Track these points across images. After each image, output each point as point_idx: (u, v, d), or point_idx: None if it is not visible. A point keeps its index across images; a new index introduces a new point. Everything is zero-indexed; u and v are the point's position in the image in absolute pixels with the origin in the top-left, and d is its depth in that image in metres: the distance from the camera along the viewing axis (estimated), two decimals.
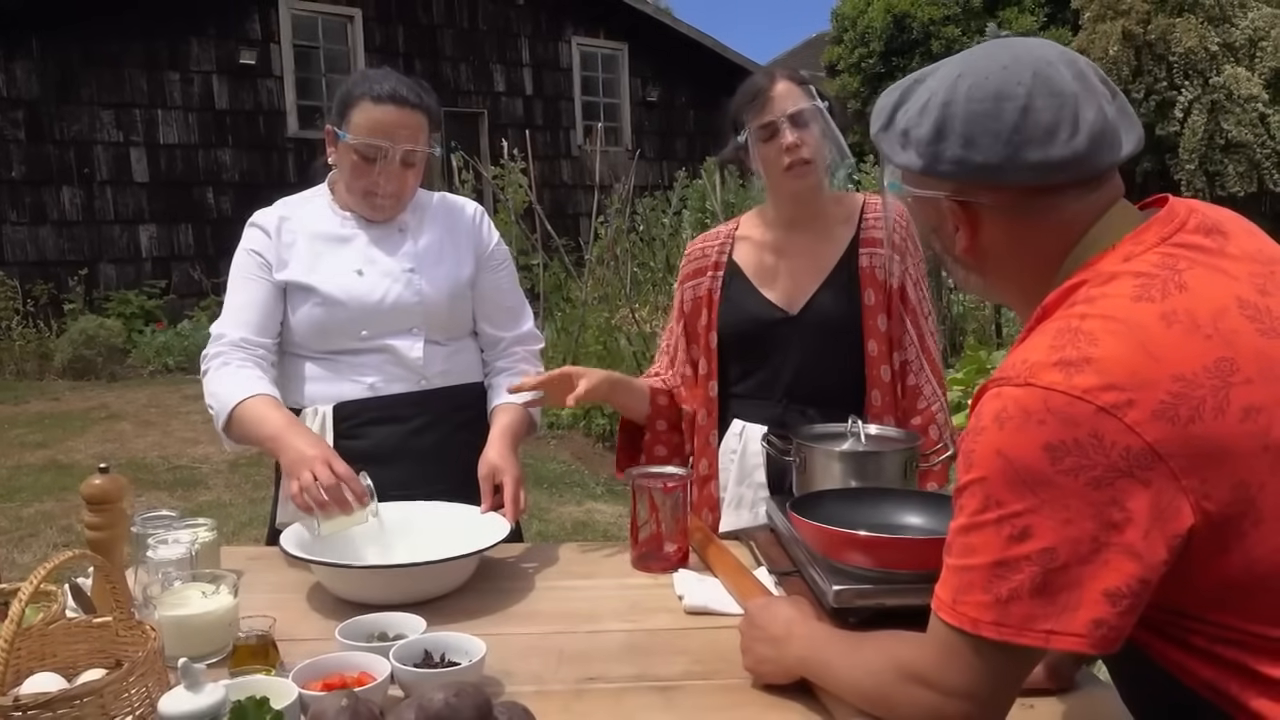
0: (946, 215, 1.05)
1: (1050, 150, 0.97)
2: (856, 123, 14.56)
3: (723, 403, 1.99)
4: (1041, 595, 0.89)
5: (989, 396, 0.95)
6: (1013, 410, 0.91)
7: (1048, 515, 0.89)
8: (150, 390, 8.25)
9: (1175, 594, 0.92)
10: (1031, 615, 0.90)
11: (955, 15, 13.70)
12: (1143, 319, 0.91)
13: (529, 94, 13.50)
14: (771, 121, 1.86)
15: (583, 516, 4.92)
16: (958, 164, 1.00)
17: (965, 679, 0.96)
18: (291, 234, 1.91)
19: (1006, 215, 1.02)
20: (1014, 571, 0.90)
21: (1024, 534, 0.90)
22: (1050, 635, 0.90)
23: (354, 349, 1.87)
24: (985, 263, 1.07)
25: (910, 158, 1.04)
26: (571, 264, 7.60)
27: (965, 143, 0.99)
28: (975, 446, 0.93)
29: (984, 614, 0.92)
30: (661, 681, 1.30)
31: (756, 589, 1.51)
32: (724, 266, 2.00)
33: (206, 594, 1.36)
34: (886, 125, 1.07)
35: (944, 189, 1.03)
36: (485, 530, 1.67)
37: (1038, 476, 0.89)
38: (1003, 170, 0.98)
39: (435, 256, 1.93)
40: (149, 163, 10.70)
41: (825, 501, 1.54)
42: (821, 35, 17.44)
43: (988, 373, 5.60)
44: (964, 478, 0.95)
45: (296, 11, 11.58)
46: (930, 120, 1.01)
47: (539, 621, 1.51)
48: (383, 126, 1.82)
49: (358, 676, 1.22)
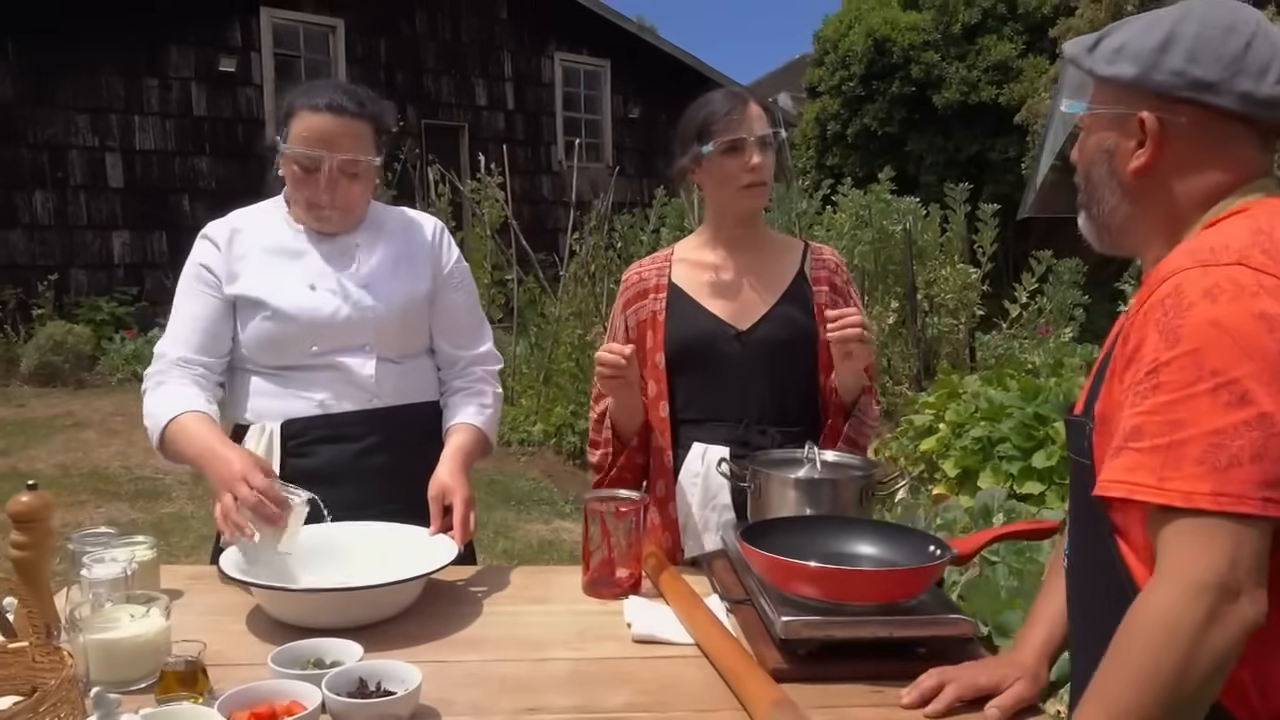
0: (1132, 132, 1.11)
1: (1260, 85, 1.06)
2: (837, 144, 14.66)
3: (678, 425, 1.97)
4: (1262, 461, 0.91)
5: (1192, 275, 0.99)
6: (1226, 284, 0.97)
7: (1267, 381, 0.92)
8: (117, 398, 8.13)
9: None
10: (1252, 481, 0.91)
11: (935, 41, 13.79)
12: None
13: (510, 108, 13.49)
14: (742, 139, 1.87)
15: (550, 535, 4.87)
16: (1177, 74, 1.08)
17: (1189, 566, 0.93)
18: (243, 246, 1.87)
19: (1194, 139, 1.09)
20: (1233, 438, 0.92)
21: (1243, 399, 0.92)
22: (1268, 502, 0.91)
23: (304, 365, 1.83)
24: (1150, 187, 1.12)
25: (1122, 68, 1.11)
26: (548, 280, 7.57)
27: (1189, 57, 1.07)
28: (1182, 321, 0.96)
29: (1199, 485, 0.92)
30: (605, 713, 1.27)
31: (707, 619, 1.49)
32: (665, 289, 2.00)
33: (135, 616, 1.32)
34: (1092, 48, 1.15)
35: (1146, 103, 1.10)
36: (433, 552, 1.63)
37: (1255, 344, 0.93)
38: (1215, 89, 1.07)
39: (390, 272, 1.90)
40: (124, 168, 10.60)
41: (778, 529, 1.52)
42: (803, 57, 17.54)
43: (959, 397, 5.60)
44: (1168, 354, 0.96)
45: (278, 20, 11.53)
46: (1159, 33, 1.09)
47: (483, 648, 1.47)
48: (319, 136, 1.78)
49: (287, 705, 1.18)
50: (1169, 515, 0.95)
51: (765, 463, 1.72)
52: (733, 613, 1.55)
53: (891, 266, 7.83)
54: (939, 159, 13.75)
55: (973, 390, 5.60)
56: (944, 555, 1.42)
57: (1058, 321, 7.91)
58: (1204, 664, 0.92)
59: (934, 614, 1.40)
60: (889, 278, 7.91)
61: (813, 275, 1.99)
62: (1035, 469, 4.74)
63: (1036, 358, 7.13)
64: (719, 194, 1.96)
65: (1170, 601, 0.94)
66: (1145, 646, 0.94)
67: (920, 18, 13.97)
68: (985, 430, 5.02)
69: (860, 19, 14.33)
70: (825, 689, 1.32)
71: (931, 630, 1.38)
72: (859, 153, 14.29)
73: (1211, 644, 0.92)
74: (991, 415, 5.11)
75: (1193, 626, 0.92)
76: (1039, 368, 6.71)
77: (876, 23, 14.02)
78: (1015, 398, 5.20)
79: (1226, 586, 0.92)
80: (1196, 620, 0.92)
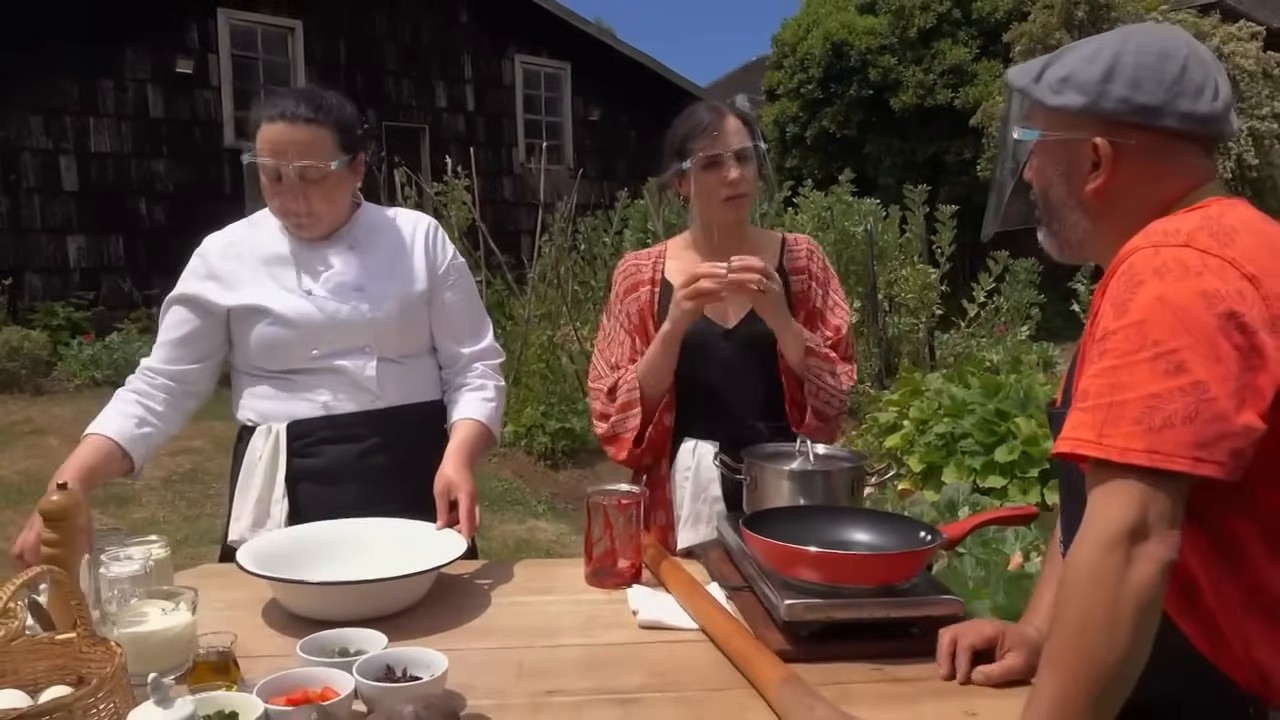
0: (1086, 156, 1.20)
1: (1198, 104, 1.16)
2: (796, 146, 14.82)
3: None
4: (1193, 423, 0.99)
5: (1144, 254, 1.08)
6: (1172, 264, 1.06)
7: (1201, 353, 1.01)
8: (78, 404, 8.01)
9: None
10: (1183, 441, 0.99)
11: (891, 45, 14.02)
12: (1266, 228, 1.13)
13: (471, 110, 13.47)
14: (719, 155, 1.95)
15: (525, 534, 4.92)
16: (1123, 101, 1.17)
17: (1107, 516, 1.02)
18: (238, 258, 1.92)
19: (1144, 157, 1.18)
20: (1168, 402, 1.00)
21: (1179, 368, 1.01)
22: (1199, 462, 0.99)
23: (306, 369, 1.88)
24: (1109, 203, 1.21)
25: (1070, 98, 1.19)
26: (513, 281, 7.61)
27: (1132, 85, 1.16)
28: (1131, 296, 1.05)
29: (1134, 442, 1.01)
30: (620, 694, 1.34)
31: (710, 605, 1.56)
32: (659, 283, 2.07)
33: (166, 610, 1.36)
34: (1037, 78, 1.23)
35: (1095, 130, 1.18)
36: (441, 546, 1.69)
37: (1194, 319, 1.03)
38: (1159, 113, 1.16)
39: (385, 274, 1.94)
40: (79, 171, 10.44)
41: (775, 518, 1.59)
42: (761, 59, 17.72)
43: (922, 394, 5.73)
44: (1115, 324, 1.06)
45: (235, 22, 11.42)
46: (1101, 65, 1.18)
47: (497, 637, 1.53)
48: (274, 145, 1.83)
49: (321, 692, 1.23)
50: (1100, 471, 1.04)
51: (760, 456, 1.80)
52: (732, 599, 1.62)
53: (853, 267, 7.96)
54: (896, 161, 13.96)
55: (935, 388, 5.74)
56: (935, 540, 1.51)
57: (1014, 320, 8.10)
58: (1129, 604, 1.00)
59: (926, 595, 1.48)
60: (850, 278, 8.04)
61: (791, 267, 2.07)
62: (997, 463, 4.88)
63: (994, 356, 7.31)
64: (702, 206, 2.03)
65: (1091, 551, 1.02)
66: (1076, 597, 1.03)
67: (877, 22, 14.18)
68: (948, 426, 5.16)
69: (818, 23, 14.51)
70: (826, 668, 1.39)
71: (924, 610, 1.46)
72: (818, 155, 14.46)
73: (1133, 584, 1.00)
74: (954, 412, 5.24)
75: (1113, 571, 1.00)
76: (998, 365, 6.88)
77: (834, 27, 14.20)
78: (977, 394, 5.34)
79: (1138, 531, 1.01)
80: (1116, 564, 1.00)
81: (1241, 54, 12.31)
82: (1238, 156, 12.05)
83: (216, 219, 3.89)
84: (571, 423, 6.34)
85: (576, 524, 5.17)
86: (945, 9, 13.92)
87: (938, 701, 1.32)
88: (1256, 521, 1.09)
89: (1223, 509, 1.08)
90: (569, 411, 6.46)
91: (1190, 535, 1.09)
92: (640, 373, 2.00)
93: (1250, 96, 12.28)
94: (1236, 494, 1.05)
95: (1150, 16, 12.51)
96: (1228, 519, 1.09)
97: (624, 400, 2.01)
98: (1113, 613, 1.00)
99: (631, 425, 2.01)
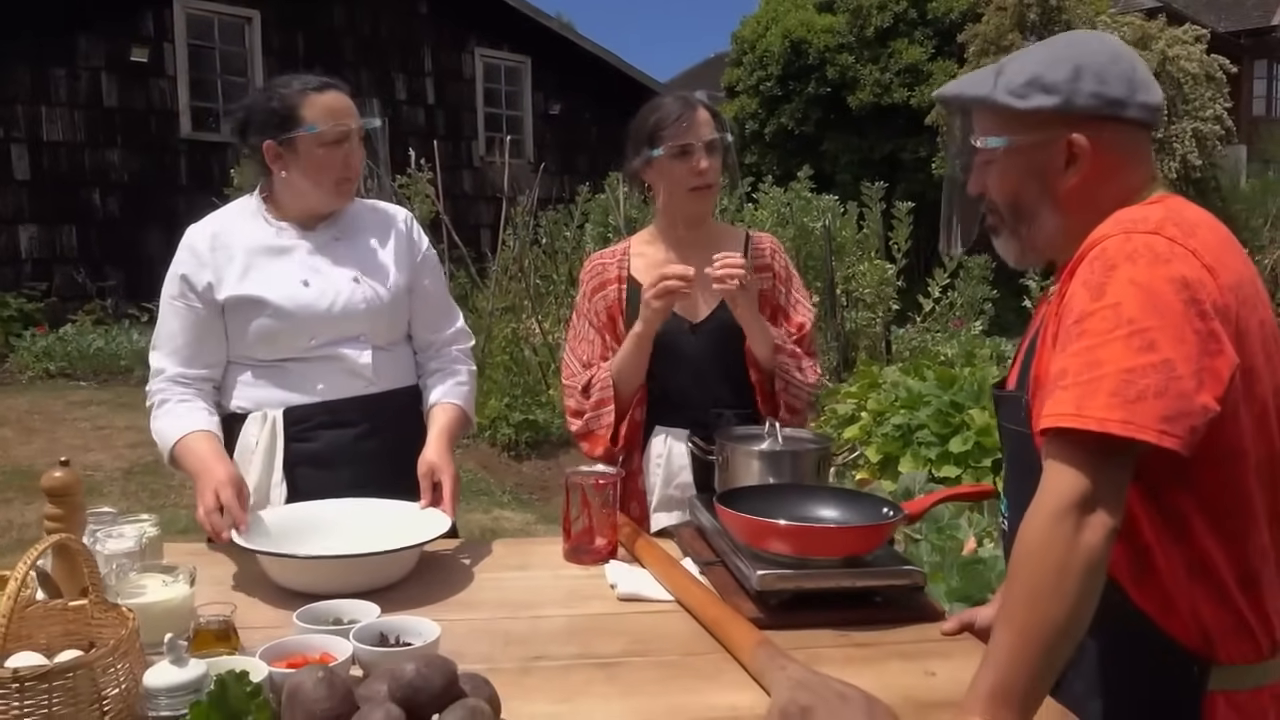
0: (1059, 154, 1.27)
1: (1150, 96, 1.26)
2: (754, 142, 14.96)
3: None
4: (1163, 398, 1.08)
5: (1117, 240, 1.17)
6: (1143, 250, 1.15)
7: (1170, 335, 1.10)
8: (31, 396, 7.93)
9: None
10: (1154, 414, 1.08)
11: (849, 44, 14.21)
12: (1217, 225, 1.23)
13: (431, 103, 13.43)
14: (690, 144, 2.02)
15: (490, 524, 4.97)
16: (1094, 96, 1.25)
17: (1058, 487, 1.10)
18: (227, 249, 1.94)
19: (1114, 150, 1.27)
20: (1141, 377, 1.09)
21: (1151, 346, 1.10)
22: (1164, 435, 1.08)
23: (302, 357, 1.93)
24: (1081, 200, 1.28)
25: (1041, 100, 1.26)
26: (475, 274, 7.64)
27: (1100, 80, 1.25)
28: (1107, 279, 1.14)
29: (1112, 413, 1.09)
30: (603, 659, 1.42)
31: (685, 577, 1.64)
32: (625, 281, 2.14)
33: (166, 582, 1.41)
34: (994, 87, 1.30)
35: (1068, 128, 1.25)
36: (426, 524, 1.76)
37: (1164, 302, 1.11)
38: (1126, 105, 1.25)
39: (375, 263, 2.00)
40: (30, 161, 10.28)
41: (747, 496, 1.68)
42: (721, 55, 17.84)
43: (879, 387, 5.87)
44: (1092, 306, 1.14)
45: (191, 10, 11.29)
46: (1067, 66, 1.26)
47: (483, 609, 1.60)
48: (340, 109, 1.92)
49: (320, 657, 1.29)
50: (1054, 445, 1.12)
51: (731, 437, 1.88)
52: (705, 574, 1.70)
53: (811, 262, 8.08)
54: (854, 158, 14.14)
55: (892, 380, 5.87)
56: (896, 515, 1.61)
57: (969, 315, 8.27)
58: (1077, 567, 1.08)
59: (889, 566, 1.58)
60: (809, 273, 8.17)
61: (755, 264, 2.13)
62: (952, 453, 5.01)
63: (949, 349, 7.48)
64: (669, 196, 2.08)
65: (1044, 518, 1.11)
66: (1029, 560, 1.11)
67: (835, 21, 14.35)
68: (905, 418, 5.28)
69: (777, 20, 14.65)
70: (796, 634, 1.47)
71: (887, 580, 1.56)
72: (776, 151, 14.60)
73: (1080, 549, 1.08)
74: (910, 404, 5.37)
75: (1063, 537, 1.09)
76: (952, 359, 7.04)
77: (793, 25, 14.35)
78: (932, 387, 5.47)
79: (1088, 500, 1.09)
80: (1066, 531, 1.09)
81: (1186, 57, 12.64)
82: (1182, 157, 12.38)
83: (172, 209, 3.89)
84: (535, 414, 6.39)
85: (541, 513, 5.24)
86: (902, 9, 14.13)
87: (900, 662, 1.41)
88: (1197, 496, 1.19)
89: (1170, 484, 1.18)
90: (532, 403, 6.51)
91: (1144, 508, 1.19)
92: (614, 371, 2.07)
93: (1194, 99, 12.62)
94: (1183, 470, 1.15)
95: (1099, 19, 12.81)
96: (1173, 494, 1.19)
97: (598, 398, 2.08)
98: (1061, 575, 1.08)
99: (606, 422, 2.08)
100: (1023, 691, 1.08)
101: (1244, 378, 1.15)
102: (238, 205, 2.04)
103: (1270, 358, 1.20)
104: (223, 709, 1.07)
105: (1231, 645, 1.22)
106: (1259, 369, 1.17)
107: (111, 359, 8.85)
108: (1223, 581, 1.20)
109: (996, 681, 1.09)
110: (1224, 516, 1.19)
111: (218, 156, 10.56)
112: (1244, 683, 1.22)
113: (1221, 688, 1.21)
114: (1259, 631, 1.22)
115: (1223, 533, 1.19)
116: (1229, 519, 1.19)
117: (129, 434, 6.60)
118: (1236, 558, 1.20)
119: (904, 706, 1.24)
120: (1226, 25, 19.19)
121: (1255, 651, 1.22)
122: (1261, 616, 1.22)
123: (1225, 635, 1.21)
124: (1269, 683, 1.23)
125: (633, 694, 1.32)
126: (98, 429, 6.79)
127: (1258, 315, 1.19)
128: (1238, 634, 1.22)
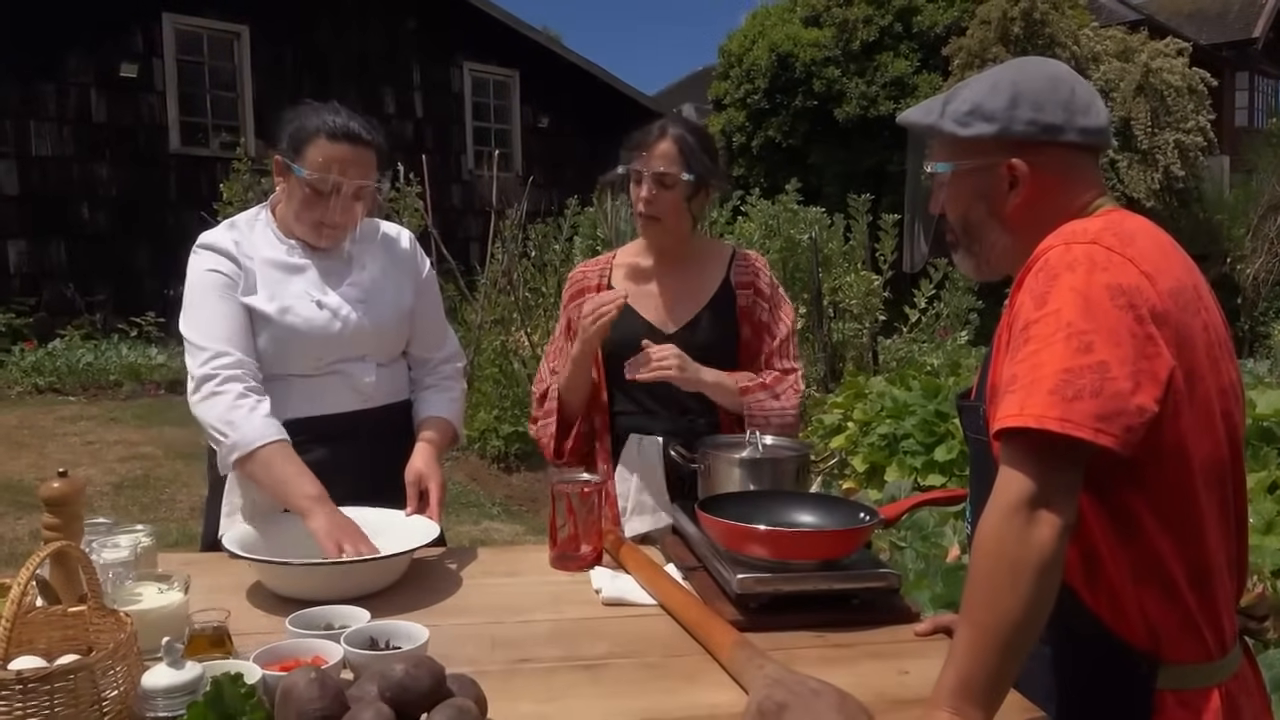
0: (1002, 178, 1.33)
1: (1089, 119, 1.32)
2: (742, 155, 15.05)
3: (614, 417, 2.18)
4: (1099, 398, 1.13)
5: (1058, 251, 1.23)
6: (1082, 259, 1.20)
7: (1105, 338, 1.15)
8: (20, 412, 7.93)
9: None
10: (1090, 413, 1.12)
11: (835, 57, 14.34)
12: (1157, 234, 1.29)
13: (420, 117, 13.49)
14: (639, 171, 2.08)
15: (480, 535, 5.00)
16: (1031, 123, 1.30)
17: (1010, 487, 1.14)
18: (248, 258, 1.96)
19: (1054, 172, 1.32)
20: (1078, 377, 1.14)
21: (1088, 348, 1.14)
22: (1099, 433, 1.13)
23: (307, 374, 1.96)
24: (1026, 219, 1.33)
25: (981, 128, 1.32)
26: (465, 287, 7.68)
27: (1036, 108, 1.30)
28: (1049, 288, 1.20)
29: (1051, 410, 1.13)
30: (587, 661, 1.46)
31: (668, 582, 1.68)
32: (605, 290, 2.18)
33: (161, 590, 1.45)
34: (940, 115, 1.36)
35: (1009, 153, 1.31)
36: (414, 532, 1.80)
37: (1100, 307, 1.16)
38: (1063, 130, 1.30)
39: (382, 285, 2.04)
40: (19, 175, 10.29)
41: (727, 502, 1.73)
42: (709, 68, 17.96)
43: (865, 397, 5.93)
44: (1036, 313, 1.20)
45: (180, 26, 11.33)
46: (1005, 94, 1.32)
47: (469, 614, 1.64)
48: (338, 163, 1.89)
49: (312, 660, 1.33)
50: (1007, 446, 1.16)
51: (713, 445, 1.93)
52: (688, 579, 1.75)
53: (798, 274, 8.16)
54: (840, 171, 14.24)
55: (878, 390, 5.93)
56: (872, 519, 1.65)
57: (954, 325, 8.35)
58: (1030, 564, 1.12)
59: (865, 569, 1.63)
60: (796, 284, 8.24)
61: (737, 281, 2.18)
62: (937, 462, 5.07)
63: (935, 359, 7.55)
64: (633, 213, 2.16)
65: (998, 518, 1.15)
66: (985, 559, 1.16)
67: (821, 34, 14.47)
68: (890, 427, 5.34)
69: (763, 34, 14.77)
70: (775, 636, 1.52)
71: (864, 583, 1.61)
72: (763, 164, 14.70)
73: (1033, 546, 1.12)
74: (896, 413, 5.43)
75: (1016, 535, 1.13)
76: (938, 369, 7.11)
77: (779, 39, 14.46)
78: (918, 397, 5.54)
79: (1039, 498, 1.14)
80: (1019, 529, 1.13)
81: (1169, 69, 12.80)
82: (1165, 168, 12.51)
83: (161, 224, 3.91)
84: (524, 426, 6.43)
85: (531, 525, 5.27)
86: (887, 23, 14.27)
87: (875, 662, 1.46)
88: (1147, 497, 1.23)
89: (1118, 485, 1.23)
90: (522, 416, 6.55)
91: (1093, 510, 1.23)
92: (560, 386, 2.14)
93: (1176, 110, 12.76)
94: (1130, 471, 1.20)
95: (1082, 32, 12.95)
96: (1122, 494, 1.23)
97: (547, 407, 2.16)
98: (1015, 572, 1.13)
99: (549, 432, 2.16)
100: (983, 686, 1.13)
101: (1186, 380, 1.20)
102: (247, 217, 2.04)
103: (1216, 361, 1.25)
104: (219, 709, 1.10)
105: (1180, 645, 1.26)
106: (1202, 371, 1.22)
107: (100, 374, 8.85)
108: (1174, 581, 1.24)
109: (959, 677, 1.14)
110: (1174, 517, 1.23)
111: (206, 171, 10.59)
112: (1193, 682, 1.26)
113: (1170, 686, 1.25)
114: (1208, 631, 1.26)
115: (1174, 533, 1.23)
116: (1179, 519, 1.23)
117: (118, 448, 6.61)
118: (1188, 558, 1.24)
119: (878, 704, 1.28)
120: (1208, 38, 19.39)
121: (1204, 651, 1.26)
122: (1211, 616, 1.26)
123: (1174, 635, 1.25)
124: (1219, 681, 1.27)
125: (616, 694, 1.36)
126: (87, 444, 6.80)
127: (1200, 319, 1.25)
128: (1187, 634, 1.26)
